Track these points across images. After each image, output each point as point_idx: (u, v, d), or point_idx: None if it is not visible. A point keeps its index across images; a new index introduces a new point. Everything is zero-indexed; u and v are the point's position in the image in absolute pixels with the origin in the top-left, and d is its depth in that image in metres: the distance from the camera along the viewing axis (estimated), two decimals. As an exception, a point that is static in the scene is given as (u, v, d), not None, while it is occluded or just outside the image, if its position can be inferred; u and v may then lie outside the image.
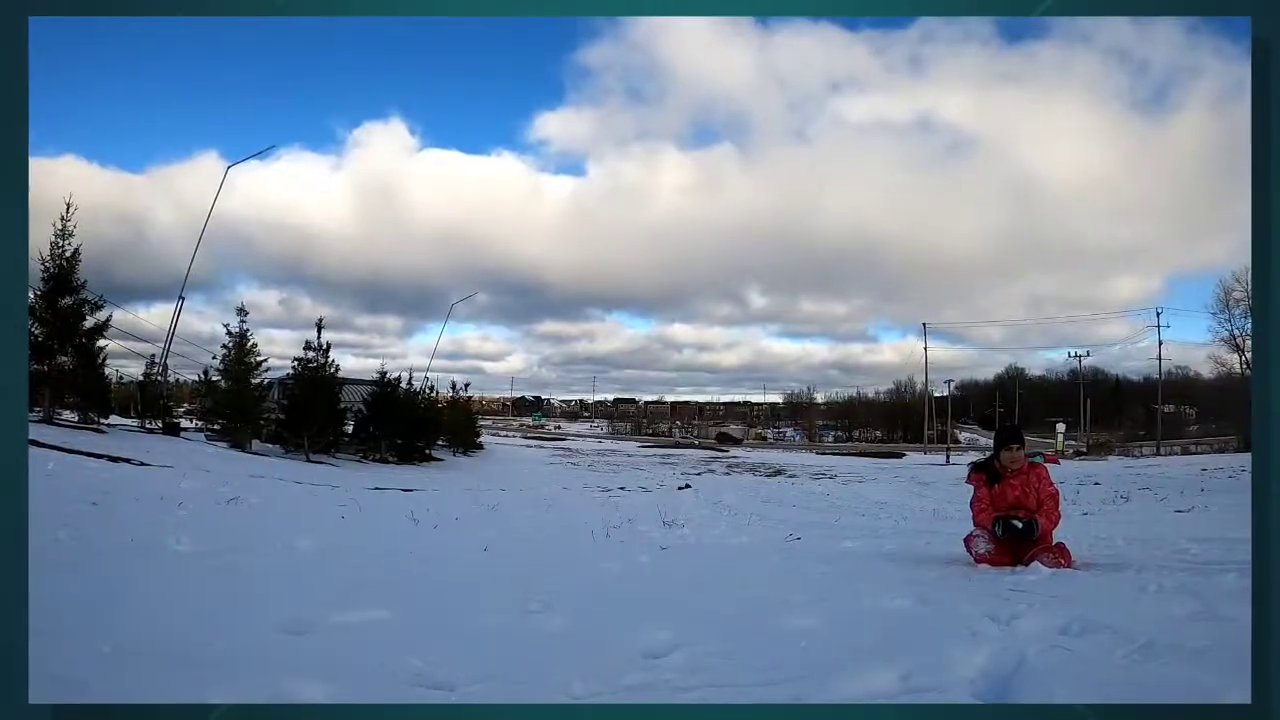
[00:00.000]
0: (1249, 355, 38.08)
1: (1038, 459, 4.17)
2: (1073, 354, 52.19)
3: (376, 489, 11.62)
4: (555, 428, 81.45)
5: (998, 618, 2.29)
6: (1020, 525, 3.86)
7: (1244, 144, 1.59)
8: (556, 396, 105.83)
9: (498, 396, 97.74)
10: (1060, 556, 3.75)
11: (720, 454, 42.73)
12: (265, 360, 20.81)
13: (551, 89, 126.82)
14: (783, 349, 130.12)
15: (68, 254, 16.15)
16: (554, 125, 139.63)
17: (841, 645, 2.02)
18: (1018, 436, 4.13)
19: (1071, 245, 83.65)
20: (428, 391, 29.78)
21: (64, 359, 15.99)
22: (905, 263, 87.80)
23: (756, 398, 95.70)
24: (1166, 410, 47.37)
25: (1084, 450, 41.71)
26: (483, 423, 46.84)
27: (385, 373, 25.11)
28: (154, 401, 20.94)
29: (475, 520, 6.93)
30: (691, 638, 2.13)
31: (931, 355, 53.75)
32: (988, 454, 4.26)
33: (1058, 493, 4.09)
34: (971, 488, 4.17)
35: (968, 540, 3.98)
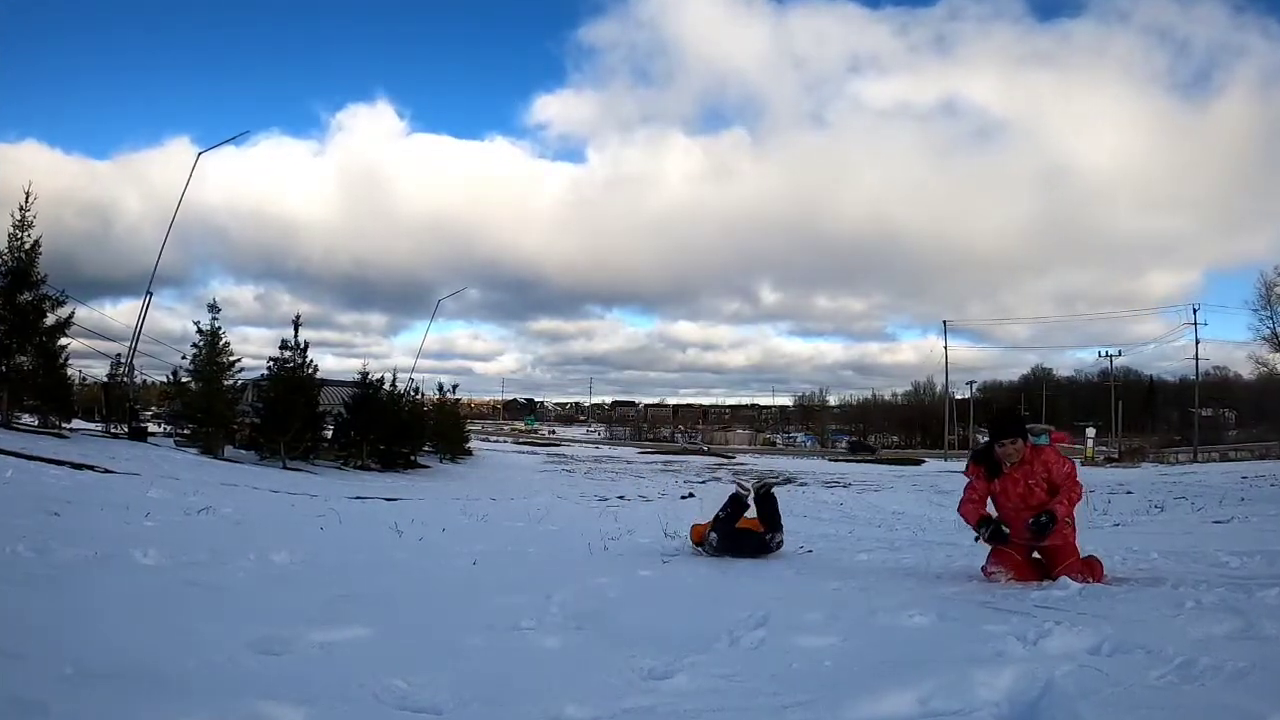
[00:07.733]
0: (1292, 355, 38.06)
1: (1043, 439, 3.88)
2: (1104, 353, 52.38)
3: (358, 498, 11.63)
4: (549, 432, 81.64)
5: (1024, 636, 2.29)
6: (1034, 526, 3.65)
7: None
8: (551, 399, 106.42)
9: (488, 399, 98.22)
10: (1090, 570, 3.73)
11: (726, 460, 42.77)
12: (239, 360, 20.87)
13: (551, 69, 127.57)
14: (794, 348, 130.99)
15: (27, 246, 16.16)
16: (553, 108, 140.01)
17: (856, 665, 2.02)
18: (1011, 429, 3.81)
19: (1103, 237, 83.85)
20: (413, 394, 29.81)
21: (23, 359, 15.99)
22: (926, 256, 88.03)
23: (765, 400, 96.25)
24: (1204, 413, 47.40)
25: (1115, 456, 41.73)
26: (471, 427, 46.94)
27: (367, 373, 25.20)
28: (119, 404, 20.97)
29: (463, 532, 6.93)
30: (695, 658, 2.14)
31: (953, 354, 53.97)
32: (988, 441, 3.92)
33: (1074, 468, 3.85)
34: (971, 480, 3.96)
35: (985, 573, 3.86)
